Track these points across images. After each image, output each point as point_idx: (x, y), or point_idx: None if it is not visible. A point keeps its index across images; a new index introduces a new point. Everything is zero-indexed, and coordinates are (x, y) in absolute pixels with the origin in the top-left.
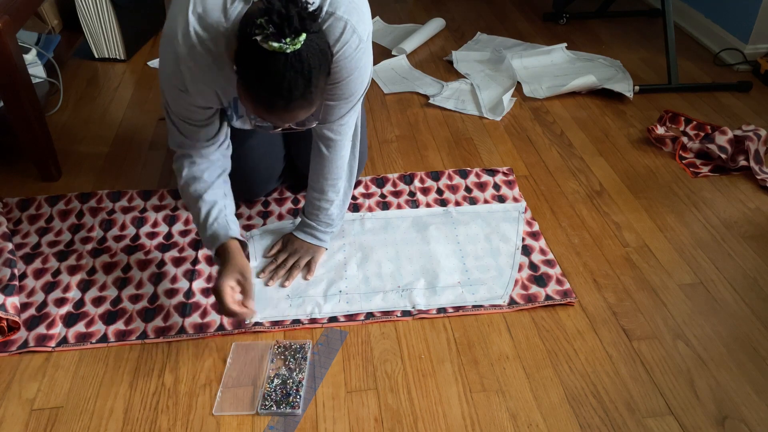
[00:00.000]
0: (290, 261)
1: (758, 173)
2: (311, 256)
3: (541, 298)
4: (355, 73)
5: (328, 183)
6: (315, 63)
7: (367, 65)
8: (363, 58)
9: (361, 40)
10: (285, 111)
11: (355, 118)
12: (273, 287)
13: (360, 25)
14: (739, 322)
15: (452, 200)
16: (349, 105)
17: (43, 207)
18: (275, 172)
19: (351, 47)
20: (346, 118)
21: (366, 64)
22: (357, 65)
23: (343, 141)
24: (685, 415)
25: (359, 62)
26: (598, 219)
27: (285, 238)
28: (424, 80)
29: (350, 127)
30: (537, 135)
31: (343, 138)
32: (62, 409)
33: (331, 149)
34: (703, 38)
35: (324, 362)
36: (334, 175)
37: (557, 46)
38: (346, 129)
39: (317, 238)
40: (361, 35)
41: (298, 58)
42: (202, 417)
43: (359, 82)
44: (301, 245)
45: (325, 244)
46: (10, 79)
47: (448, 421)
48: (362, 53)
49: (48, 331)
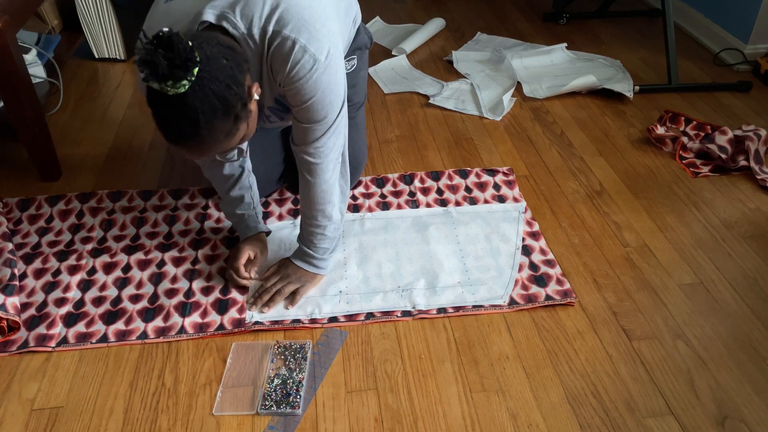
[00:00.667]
0: (277, 286)
1: (758, 173)
2: (300, 284)
3: (541, 298)
4: (318, 94)
5: (317, 209)
6: (204, 107)
7: (331, 85)
8: (323, 78)
9: (316, 60)
10: (183, 149)
11: (337, 140)
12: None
13: (312, 43)
14: (739, 322)
15: (452, 200)
16: (324, 127)
17: (43, 207)
18: (274, 176)
19: (304, 68)
20: (323, 140)
21: (330, 84)
22: (317, 86)
23: (324, 164)
24: (685, 415)
25: (318, 83)
26: (598, 219)
27: (281, 262)
28: (424, 80)
29: (330, 149)
30: (537, 135)
31: (324, 161)
32: (62, 409)
33: (314, 174)
34: (703, 38)
35: (324, 362)
36: (321, 199)
37: (557, 46)
38: (326, 152)
39: (313, 264)
40: (315, 54)
41: (182, 101)
42: (202, 417)
43: (326, 103)
44: (295, 271)
45: (321, 270)
46: (10, 79)
47: (448, 421)
48: (321, 73)
49: (48, 331)
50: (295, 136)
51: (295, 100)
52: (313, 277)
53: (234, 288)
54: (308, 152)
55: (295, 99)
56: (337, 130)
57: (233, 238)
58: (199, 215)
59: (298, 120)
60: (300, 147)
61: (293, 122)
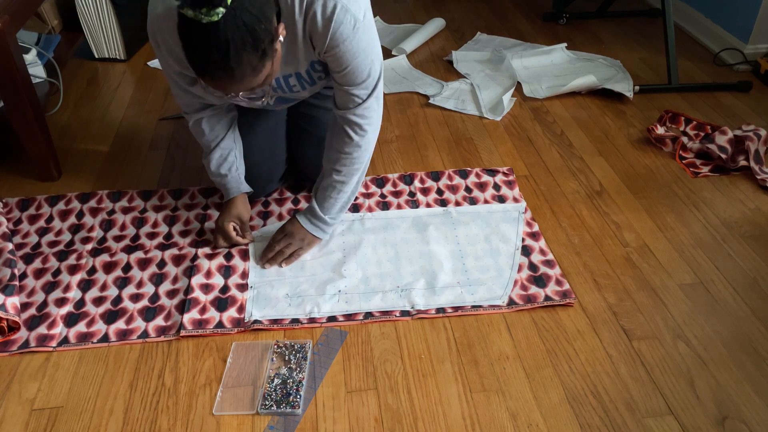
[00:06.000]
0: (280, 245)
1: (758, 173)
2: (299, 246)
3: (541, 299)
4: (361, 56)
5: (354, 167)
6: (235, 37)
7: (371, 45)
8: (364, 38)
9: (356, 19)
10: (209, 79)
11: (380, 100)
12: (272, 288)
13: (352, 3)
14: (739, 322)
15: (452, 200)
16: (368, 88)
17: (43, 207)
18: (277, 174)
19: (347, 28)
20: (369, 102)
21: (370, 43)
22: (359, 46)
23: (373, 124)
24: (685, 415)
25: (360, 43)
26: (598, 219)
27: (288, 222)
28: (424, 80)
29: (375, 109)
30: (537, 135)
31: (372, 121)
32: (62, 409)
33: (360, 134)
34: (703, 38)
35: (324, 362)
36: (358, 158)
37: (557, 46)
38: (372, 112)
39: (317, 227)
40: (355, 14)
41: (214, 30)
42: (202, 417)
43: (369, 62)
44: (299, 231)
45: (324, 235)
46: (10, 79)
47: (448, 421)
48: (362, 33)
49: (49, 331)
50: (340, 102)
51: (338, 63)
52: (313, 239)
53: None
54: (357, 113)
55: (339, 62)
56: (379, 90)
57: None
58: (199, 215)
59: (342, 84)
60: (346, 111)
61: (336, 88)
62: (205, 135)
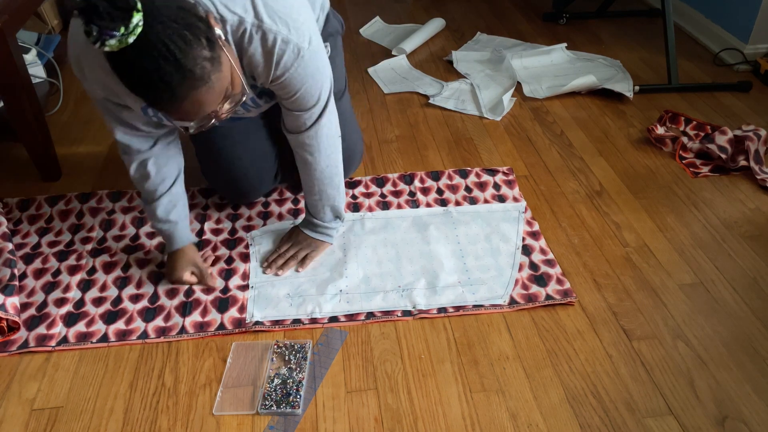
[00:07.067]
0: (290, 252)
1: (758, 173)
2: (311, 250)
3: (542, 298)
4: (309, 82)
5: (325, 183)
6: (168, 34)
7: (318, 70)
8: (311, 64)
9: (300, 48)
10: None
11: (331, 117)
12: (273, 288)
13: (294, 33)
14: (739, 322)
15: (452, 200)
16: (317, 111)
17: (43, 207)
18: (267, 176)
19: (290, 59)
20: (320, 122)
21: (317, 69)
22: (305, 74)
23: (325, 142)
24: (685, 415)
25: (306, 70)
26: (598, 219)
27: (292, 230)
28: (424, 80)
29: (327, 127)
30: (537, 135)
31: (323, 140)
32: (62, 409)
33: (315, 153)
34: (703, 38)
35: (324, 362)
36: (326, 175)
37: (557, 46)
38: (323, 131)
39: (323, 233)
40: (299, 43)
41: (145, 42)
42: (202, 417)
43: (317, 88)
44: (305, 238)
45: (330, 239)
46: (10, 79)
47: (448, 421)
48: (308, 61)
49: (48, 331)
50: (289, 124)
51: (285, 92)
52: (320, 244)
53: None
54: (307, 136)
55: (285, 91)
56: (330, 109)
57: (233, 239)
58: (198, 216)
59: (289, 109)
60: (295, 134)
61: (284, 111)
62: (150, 178)
